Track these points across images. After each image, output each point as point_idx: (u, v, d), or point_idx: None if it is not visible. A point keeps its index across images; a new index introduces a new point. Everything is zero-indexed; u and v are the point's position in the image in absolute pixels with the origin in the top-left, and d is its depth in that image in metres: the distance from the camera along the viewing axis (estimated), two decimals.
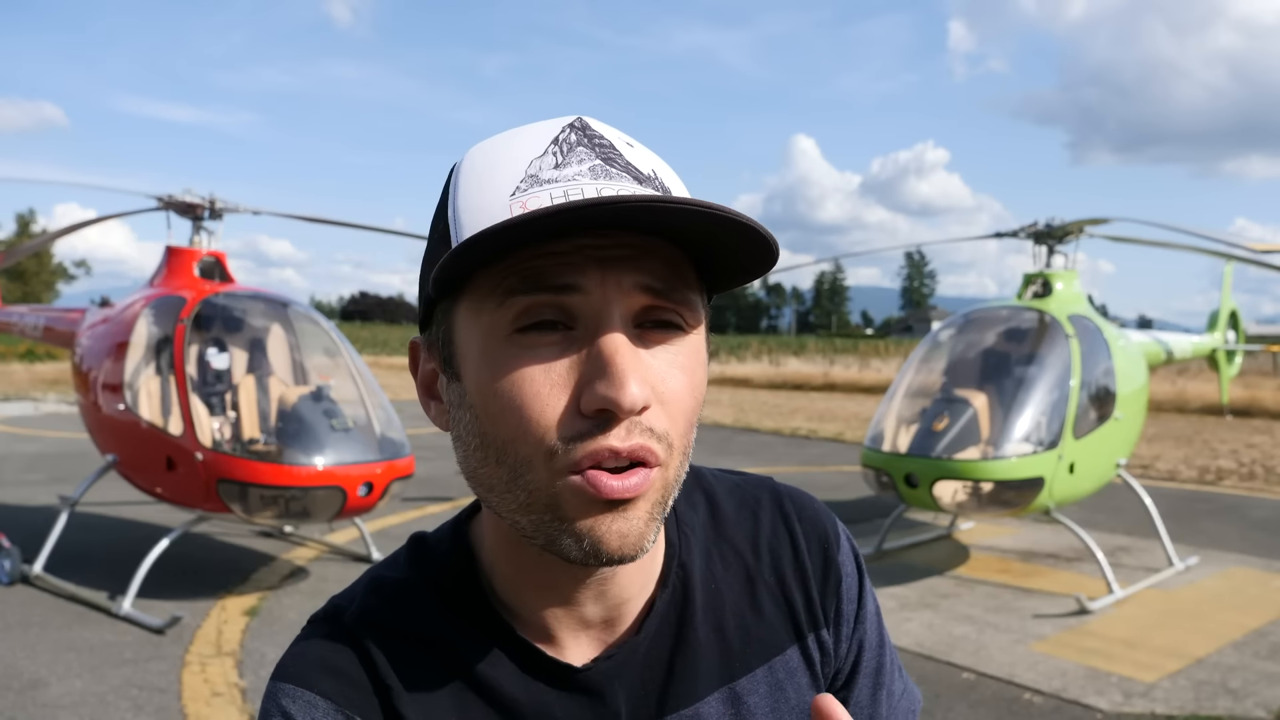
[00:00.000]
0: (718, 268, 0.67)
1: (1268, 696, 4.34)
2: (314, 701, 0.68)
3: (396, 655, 0.71)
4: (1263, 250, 6.48)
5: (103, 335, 6.23)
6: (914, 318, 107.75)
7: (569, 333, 0.62)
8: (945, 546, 7.36)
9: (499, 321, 0.62)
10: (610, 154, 0.64)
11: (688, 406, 0.64)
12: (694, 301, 0.65)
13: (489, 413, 0.63)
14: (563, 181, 0.61)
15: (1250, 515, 8.65)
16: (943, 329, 6.98)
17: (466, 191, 0.64)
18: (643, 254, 0.62)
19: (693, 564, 0.77)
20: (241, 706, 4.18)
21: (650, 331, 0.63)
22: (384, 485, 5.40)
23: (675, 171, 0.69)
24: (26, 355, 29.08)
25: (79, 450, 10.64)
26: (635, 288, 0.62)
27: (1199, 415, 17.73)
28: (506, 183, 0.62)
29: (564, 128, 0.65)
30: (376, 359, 35.42)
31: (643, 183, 0.63)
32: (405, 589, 0.74)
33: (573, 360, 0.61)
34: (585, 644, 0.73)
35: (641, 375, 0.60)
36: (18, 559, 6.04)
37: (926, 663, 4.74)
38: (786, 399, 22.27)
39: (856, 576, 0.83)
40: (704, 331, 0.68)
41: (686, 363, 0.65)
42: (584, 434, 0.60)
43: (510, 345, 0.62)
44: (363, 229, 7.92)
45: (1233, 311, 10.59)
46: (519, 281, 0.61)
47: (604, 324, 0.61)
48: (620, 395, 0.58)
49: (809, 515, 0.83)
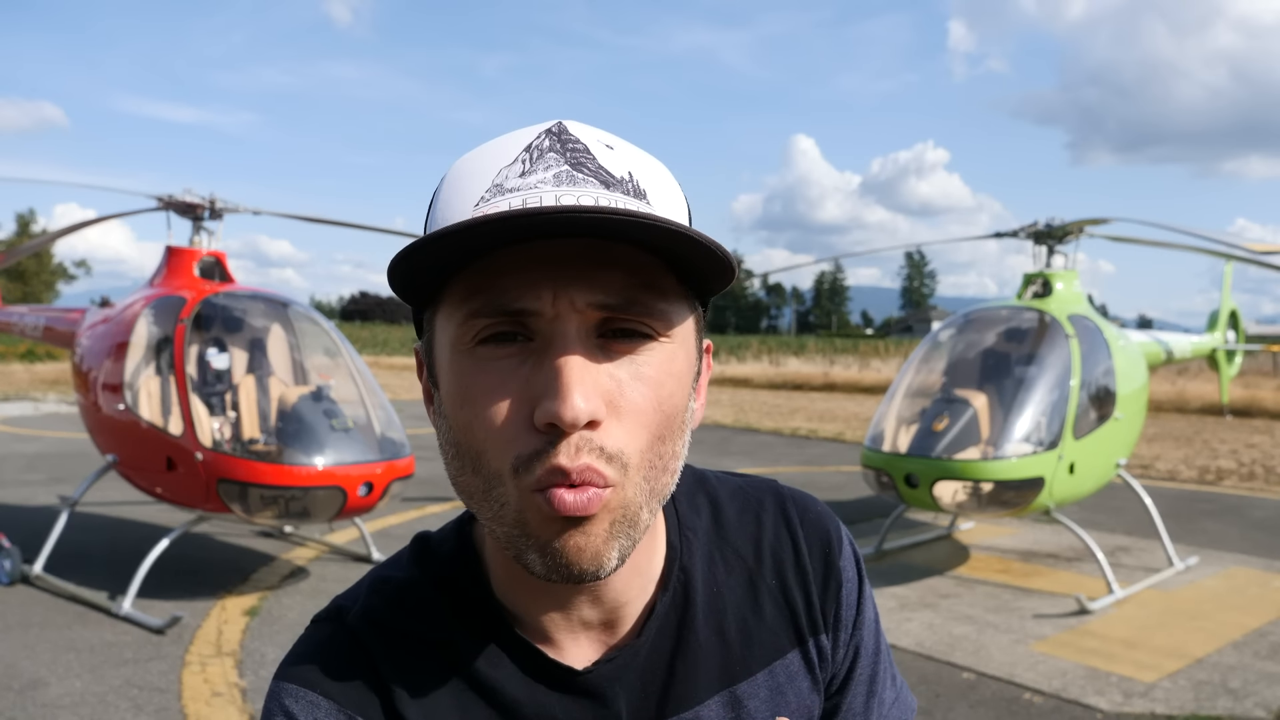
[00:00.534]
0: (691, 276, 0.66)
1: (1268, 696, 4.34)
2: (317, 702, 0.69)
3: (399, 656, 0.71)
4: (1263, 250, 6.48)
5: (103, 335, 6.22)
6: (914, 318, 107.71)
7: (528, 344, 0.62)
8: (945, 546, 7.36)
9: (462, 335, 0.63)
10: (581, 158, 0.64)
11: (651, 420, 0.63)
12: (662, 311, 0.64)
13: (460, 423, 0.64)
14: (523, 190, 0.62)
15: (1250, 515, 8.65)
16: (943, 329, 6.98)
17: (443, 200, 0.65)
18: (603, 264, 0.61)
19: (694, 567, 0.77)
20: (241, 706, 4.18)
21: (614, 341, 0.63)
22: (384, 485, 5.40)
23: (669, 171, 0.69)
24: (26, 355, 29.09)
25: (79, 450, 10.65)
26: (588, 305, 0.61)
27: (1199, 415, 17.72)
28: (474, 192, 0.63)
29: (540, 134, 0.65)
30: (376, 359, 35.45)
31: (611, 186, 0.63)
32: (409, 589, 0.74)
33: (529, 373, 0.62)
34: (585, 646, 0.73)
35: (590, 389, 0.60)
36: (18, 559, 6.04)
37: (926, 663, 4.74)
38: (786, 399, 22.26)
39: (857, 582, 0.83)
40: (688, 338, 0.67)
41: (653, 374, 0.64)
42: (539, 451, 0.60)
43: (473, 357, 0.63)
44: (363, 229, 7.91)
45: (1233, 311, 10.60)
46: (480, 303, 0.62)
47: (555, 340, 0.61)
48: (563, 410, 0.58)
49: (811, 518, 0.83)
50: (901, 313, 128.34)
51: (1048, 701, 4.29)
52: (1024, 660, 4.80)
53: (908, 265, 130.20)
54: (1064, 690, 4.41)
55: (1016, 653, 4.91)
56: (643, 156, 0.67)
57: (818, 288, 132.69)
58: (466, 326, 0.63)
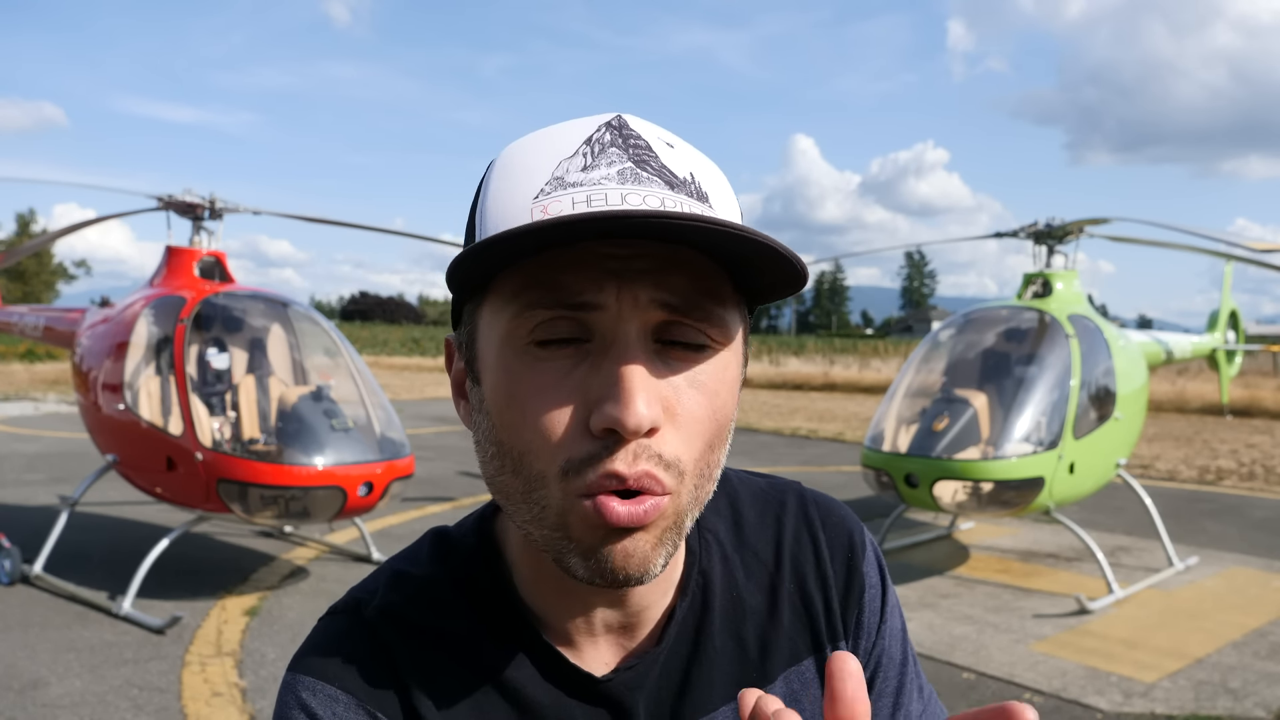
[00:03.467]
0: (750, 283, 0.64)
1: (1268, 696, 4.34)
2: (335, 695, 0.67)
3: (418, 653, 0.70)
4: (1263, 250, 6.48)
5: (103, 335, 6.23)
6: (914, 318, 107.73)
7: (584, 345, 0.60)
8: (945, 546, 7.36)
9: (516, 331, 0.61)
10: (644, 155, 0.62)
11: (705, 429, 0.62)
12: (721, 318, 0.63)
13: (505, 422, 0.62)
14: (588, 185, 0.60)
15: (1250, 515, 8.65)
16: (943, 329, 6.98)
17: (495, 190, 0.63)
18: (666, 266, 0.60)
19: (713, 572, 0.76)
20: (241, 706, 4.18)
21: (672, 349, 0.61)
22: (384, 485, 5.40)
23: (722, 172, 0.67)
24: (26, 355, 29.08)
25: (79, 450, 10.65)
26: (652, 304, 0.60)
27: (1199, 415, 17.72)
28: (532, 185, 0.61)
29: (600, 126, 0.63)
30: (376, 359, 35.46)
31: (676, 187, 0.61)
32: (428, 586, 0.73)
33: (586, 375, 0.60)
34: (605, 650, 0.72)
35: (652, 395, 0.59)
36: (18, 559, 6.03)
37: (926, 663, 4.74)
38: (786, 399, 22.26)
39: (880, 588, 0.81)
40: (739, 346, 0.66)
41: (708, 382, 0.63)
42: (593, 456, 0.59)
43: (526, 356, 0.61)
44: (363, 229, 7.91)
45: (1233, 311, 10.59)
46: (538, 295, 0.60)
47: (617, 341, 0.60)
48: (626, 416, 0.57)
49: (834, 522, 0.81)
50: (901, 313, 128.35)
51: (1048, 701, 4.29)
52: (1024, 660, 4.80)
53: (908, 265, 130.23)
54: (1064, 690, 4.41)
55: (1016, 653, 4.91)
56: (700, 157, 0.66)
57: (818, 288, 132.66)
58: (522, 319, 0.60)
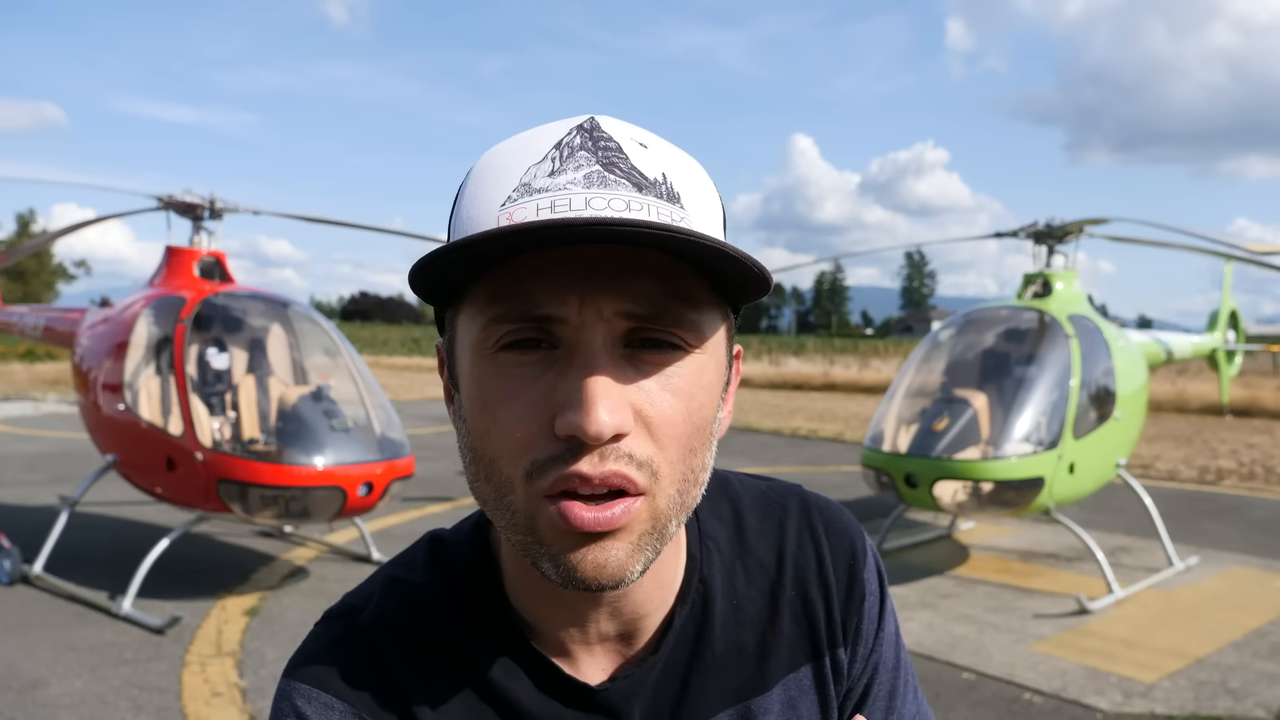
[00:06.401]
0: (725, 284, 0.63)
1: (1268, 696, 4.34)
2: (330, 704, 0.67)
3: (413, 661, 0.70)
4: (1263, 250, 6.48)
5: (103, 335, 6.23)
6: (914, 318, 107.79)
7: (551, 351, 0.60)
8: (945, 546, 7.36)
9: (485, 341, 0.61)
10: (614, 158, 0.61)
11: (680, 431, 0.61)
12: (693, 321, 0.61)
13: (477, 429, 0.62)
14: (553, 191, 0.59)
15: (1250, 515, 8.65)
16: (943, 329, 6.98)
17: (469, 197, 0.63)
18: (634, 271, 0.59)
19: (714, 578, 0.75)
20: (241, 706, 4.18)
21: (642, 352, 0.61)
22: (384, 485, 5.40)
23: (703, 169, 0.66)
24: (26, 355, 29.08)
25: (79, 450, 10.64)
26: (616, 314, 0.59)
27: (1199, 415, 17.72)
28: (500, 191, 0.61)
29: (571, 130, 0.63)
30: (376, 359, 35.46)
31: (644, 189, 0.60)
32: (424, 593, 0.72)
33: (553, 382, 0.60)
34: (601, 658, 0.71)
35: (616, 403, 0.58)
36: (18, 559, 6.04)
37: (926, 663, 4.74)
38: (786, 399, 22.26)
39: (879, 595, 0.80)
40: (718, 347, 0.65)
41: (683, 386, 0.61)
42: (557, 458, 0.58)
43: (495, 363, 0.61)
44: (362, 229, 7.92)
45: (1233, 311, 10.59)
46: (505, 308, 0.60)
47: (580, 350, 0.59)
48: (587, 423, 0.57)
49: (837, 528, 0.81)
50: (901, 313, 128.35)
51: (1048, 701, 4.29)
52: (1024, 660, 4.80)
53: (907, 265, 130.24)
54: (1064, 690, 4.41)
55: (1016, 653, 4.91)
56: (677, 155, 0.65)
57: (817, 288, 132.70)
58: (489, 331, 0.61)
